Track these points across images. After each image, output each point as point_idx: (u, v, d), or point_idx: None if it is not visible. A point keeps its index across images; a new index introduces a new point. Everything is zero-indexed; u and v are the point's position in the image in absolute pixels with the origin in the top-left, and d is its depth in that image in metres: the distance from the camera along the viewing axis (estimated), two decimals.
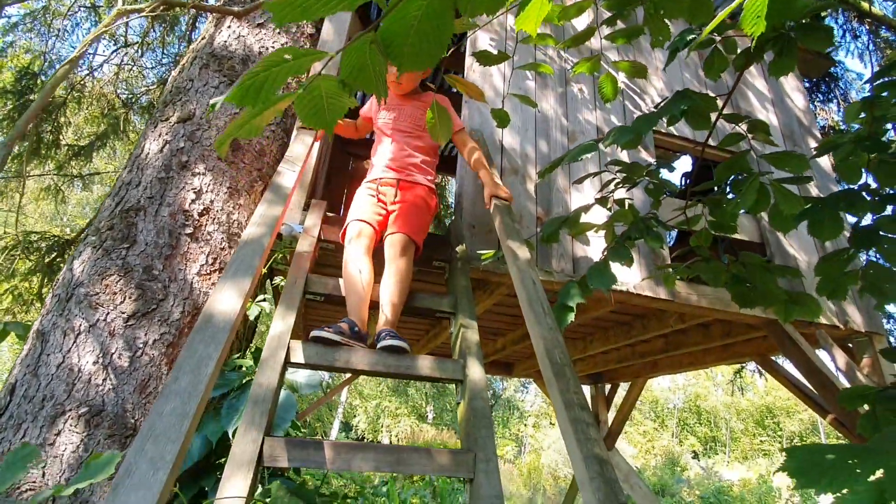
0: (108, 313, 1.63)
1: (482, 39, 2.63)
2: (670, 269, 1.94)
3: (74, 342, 1.59)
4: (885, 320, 4.97)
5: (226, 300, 0.95)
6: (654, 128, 2.69)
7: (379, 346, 1.40)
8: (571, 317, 1.37)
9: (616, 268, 2.19)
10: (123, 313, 1.65)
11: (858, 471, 0.49)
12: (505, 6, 0.68)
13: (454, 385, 1.47)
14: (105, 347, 1.59)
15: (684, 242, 2.86)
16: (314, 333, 1.35)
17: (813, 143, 3.13)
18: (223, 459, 1.72)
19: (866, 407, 1.30)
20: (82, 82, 6.41)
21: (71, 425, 1.48)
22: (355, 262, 1.58)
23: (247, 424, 1.08)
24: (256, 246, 1.12)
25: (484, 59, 1.54)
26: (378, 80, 0.66)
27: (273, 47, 2.32)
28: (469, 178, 2.20)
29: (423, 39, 0.61)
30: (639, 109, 2.75)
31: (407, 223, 1.69)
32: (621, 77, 2.80)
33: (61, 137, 6.20)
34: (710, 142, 2.55)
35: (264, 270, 2.03)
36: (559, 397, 0.95)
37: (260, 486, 1.42)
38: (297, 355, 1.32)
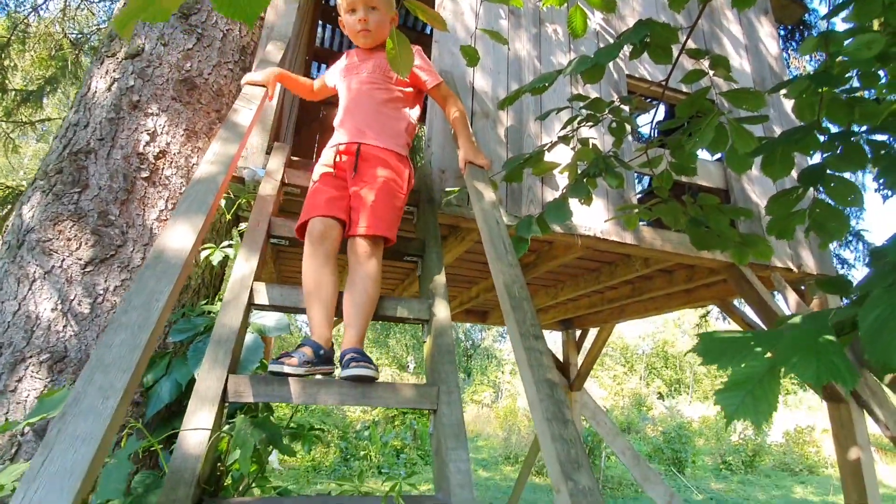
0: (64, 259, 1.59)
1: None
2: (634, 211, 1.98)
3: (30, 289, 1.54)
4: (839, 266, 5.23)
5: (177, 236, 0.93)
6: (627, 72, 2.65)
7: (343, 374, 1.20)
8: (525, 248, 1.40)
9: (584, 212, 2.23)
10: (80, 259, 1.60)
11: (757, 349, 0.53)
12: None
13: (420, 325, 1.50)
14: (63, 294, 1.55)
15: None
16: (272, 368, 1.17)
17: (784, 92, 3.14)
18: None
19: None
20: (26, 21, 5.91)
21: (33, 371, 1.47)
22: (316, 273, 1.36)
23: (210, 363, 1.09)
24: (210, 184, 1.09)
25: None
26: None
27: None
28: (439, 121, 2.15)
29: None
30: (616, 60, 2.69)
31: (374, 216, 1.39)
32: (597, 18, 2.72)
33: (7, 82, 5.77)
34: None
35: (229, 217, 1.99)
36: (516, 328, 0.98)
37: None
38: (262, 297, 1.32)
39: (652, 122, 2.15)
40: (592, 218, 2.24)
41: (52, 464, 0.58)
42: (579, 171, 1.70)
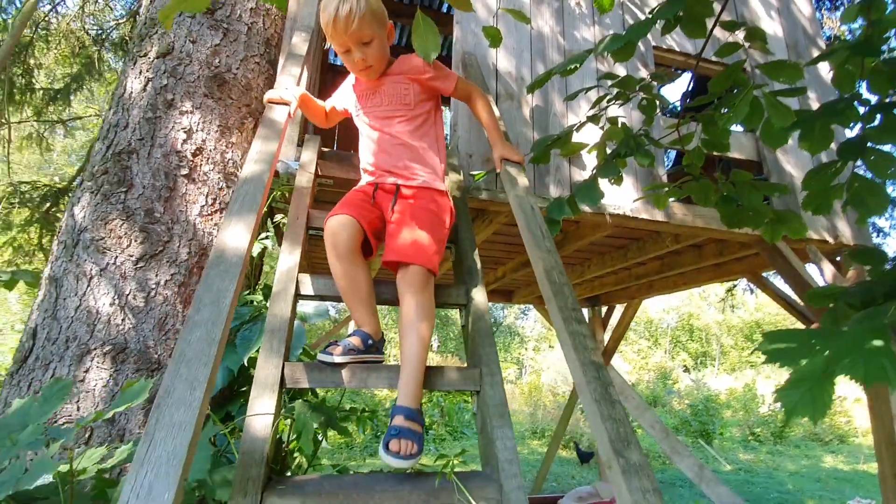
0: (117, 257, 1.67)
1: None
2: (663, 190, 1.96)
3: (88, 286, 1.64)
4: (874, 234, 5.08)
5: (234, 236, 0.98)
6: (654, 44, 2.58)
7: (384, 456, 1.06)
8: (557, 230, 1.42)
9: (612, 190, 2.21)
10: (132, 256, 1.68)
11: (817, 347, 0.55)
12: None
13: (458, 310, 1.54)
14: (119, 289, 1.64)
15: (681, 164, 2.87)
16: (321, 358, 1.20)
17: (817, 54, 3.02)
18: (244, 387, 1.84)
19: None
20: (46, 19, 6.02)
21: (98, 362, 1.57)
22: (345, 273, 1.33)
23: (266, 352, 1.15)
24: (257, 182, 1.13)
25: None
26: None
27: None
28: (464, 105, 2.15)
29: None
30: (635, 19, 2.63)
31: (416, 247, 1.30)
32: None
33: (34, 81, 5.93)
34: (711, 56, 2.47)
35: (265, 209, 2.05)
36: (558, 314, 1.01)
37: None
38: (307, 288, 1.38)
39: (683, 94, 2.11)
40: (621, 196, 2.23)
41: (155, 450, 0.64)
42: (608, 151, 1.69)
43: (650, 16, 1.20)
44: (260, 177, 1.15)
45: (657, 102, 1.57)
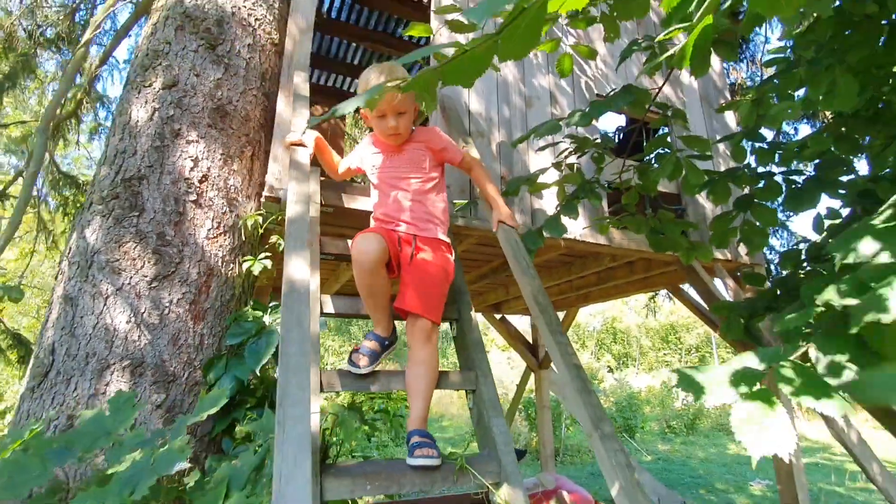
0: (132, 277, 1.80)
1: None
2: (606, 220, 2.40)
3: (105, 305, 1.75)
4: (769, 253, 6.00)
5: (297, 269, 1.22)
6: (597, 93, 3.03)
7: (409, 462, 1.30)
8: (532, 255, 1.78)
9: (565, 219, 2.62)
10: (146, 276, 1.81)
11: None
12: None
13: (449, 322, 1.83)
14: (135, 308, 1.77)
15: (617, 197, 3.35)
16: (350, 370, 1.44)
17: (724, 103, 3.67)
18: (248, 397, 2.00)
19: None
20: None
21: (118, 376, 1.69)
22: (369, 282, 1.50)
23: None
24: (302, 222, 1.37)
25: (455, 27, 1.75)
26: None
27: (244, 6, 2.34)
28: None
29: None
30: (584, 73, 3.09)
31: (429, 302, 1.52)
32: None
33: None
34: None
35: (261, 231, 2.23)
36: (546, 328, 1.35)
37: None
38: (329, 307, 1.62)
39: (618, 128, 2.56)
40: (572, 223, 2.64)
41: (288, 435, 0.88)
42: (567, 191, 2.08)
43: (609, 95, 1.58)
44: (303, 216, 1.39)
45: (604, 157, 1.98)
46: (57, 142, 5.03)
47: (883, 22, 1.50)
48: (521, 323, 7.52)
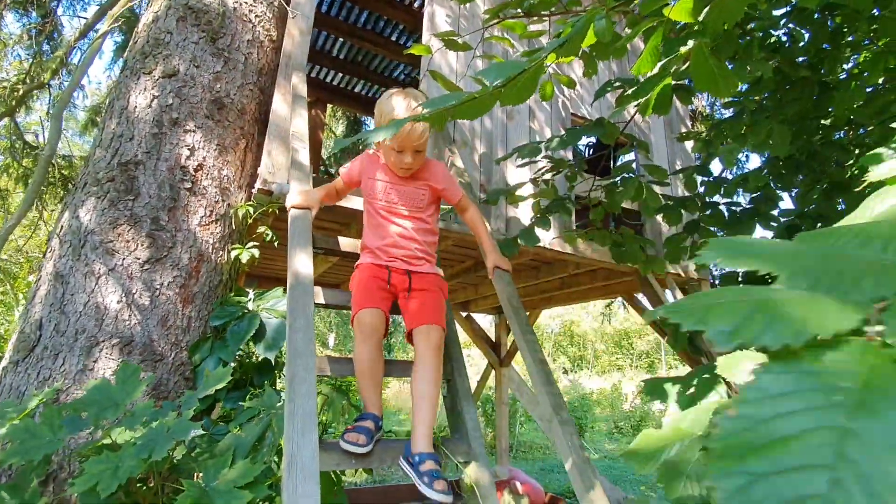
0: (125, 259, 1.86)
1: (439, 14, 2.93)
2: (574, 233, 2.62)
3: (97, 284, 1.81)
4: (714, 269, 6.49)
5: (300, 263, 1.35)
6: (572, 111, 3.25)
7: (432, 494, 1.25)
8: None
9: (538, 230, 2.83)
10: (139, 259, 1.88)
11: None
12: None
13: None
14: (126, 289, 1.84)
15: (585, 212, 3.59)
16: (347, 448, 1.33)
17: (684, 129, 3.99)
18: (233, 375, 2.09)
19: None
20: None
21: (107, 354, 1.76)
22: (370, 360, 1.49)
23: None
24: (304, 219, 1.49)
25: (450, 45, 1.91)
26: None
27: (245, 2, 2.41)
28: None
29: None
30: (561, 93, 3.30)
31: (437, 313, 1.56)
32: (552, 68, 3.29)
33: None
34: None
35: (251, 221, 2.32)
36: (517, 327, 1.53)
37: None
38: (320, 298, 1.74)
39: (587, 145, 2.78)
40: (543, 233, 2.85)
41: (298, 410, 1.02)
42: (541, 204, 2.28)
43: (581, 127, 1.78)
44: (305, 214, 1.51)
45: (576, 176, 2.19)
46: (18, 109, 4.85)
47: (816, 82, 1.77)
48: (485, 322, 7.75)
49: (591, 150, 4.18)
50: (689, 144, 3.94)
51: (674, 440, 0.77)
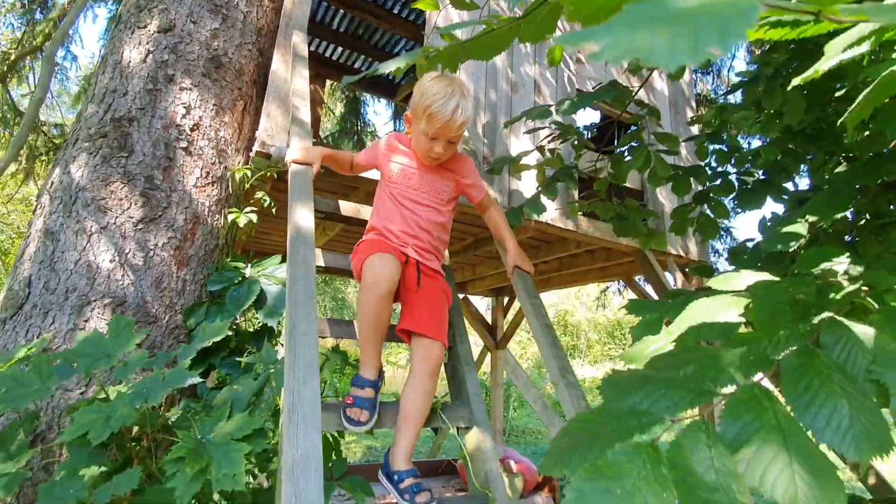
0: (117, 217, 1.80)
1: None
2: (577, 203, 2.58)
3: (88, 242, 1.75)
4: (713, 254, 6.49)
5: (302, 217, 1.30)
6: (578, 87, 3.19)
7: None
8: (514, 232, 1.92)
9: (544, 200, 2.78)
10: (132, 218, 1.82)
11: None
12: None
13: None
14: (119, 248, 1.78)
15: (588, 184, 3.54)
16: (351, 428, 1.28)
17: (689, 111, 3.93)
18: (224, 346, 2.05)
19: None
20: None
21: (98, 313, 1.71)
22: (380, 312, 1.34)
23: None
24: (305, 174, 1.44)
25: (456, 3, 1.84)
26: None
27: None
28: None
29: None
30: (567, 68, 3.24)
31: (441, 326, 1.46)
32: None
33: None
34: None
35: (248, 185, 2.25)
36: (524, 292, 1.49)
37: None
38: (319, 261, 1.69)
39: (592, 124, 2.72)
40: (545, 207, 2.81)
41: (300, 359, 0.98)
42: (547, 174, 2.23)
43: (595, 88, 1.73)
44: (306, 169, 1.45)
45: (583, 145, 2.14)
46: (11, 77, 4.72)
47: None
48: (481, 304, 7.74)
49: (597, 131, 4.12)
50: (694, 129, 3.89)
51: (660, 339, 0.77)
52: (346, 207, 1.89)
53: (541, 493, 3.52)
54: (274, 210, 2.27)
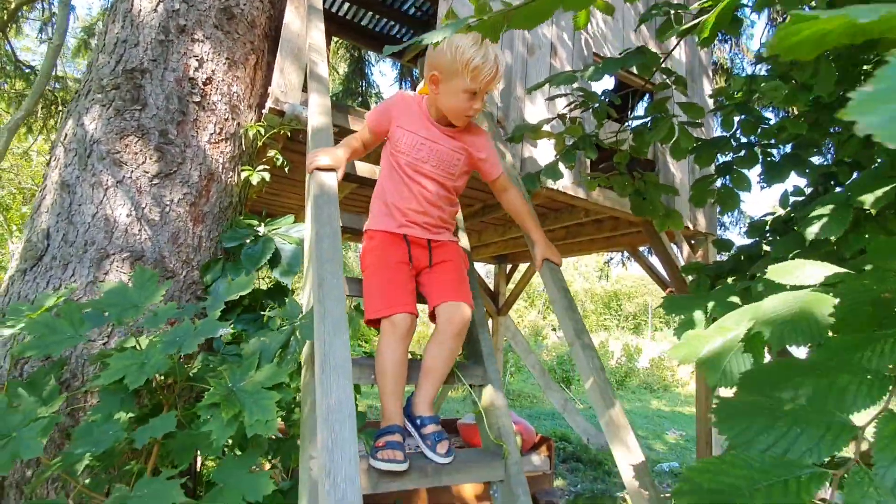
0: (133, 171, 1.79)
1: None
2: (595, 177, 2.56)
3: (105, 195, 1.75)
4: (719, 227, 6.50)
5: (326, 175, 1.29)
6: (594, 51, 3.11)
7: (431, 454, 1.27)
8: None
9: (562, 168, 2.76)
10: (147, 172, 1.81)
11: (699, 302, 1.09)
12: None
13: None
14: (136, 202, 1.78)
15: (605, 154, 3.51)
16: (385, 468, 1.18)
17: (706, 81, 3.85)
18: (243, 301, 2.08)
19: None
20: None
21: (117, 266, 1.72)
22: (399, 363, 1.32)
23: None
24: (326, 131, 1.43)
25: None
26: None
27: None
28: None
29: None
30: (585, 31, 3.14)
31: (461, 287, 1.45)
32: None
33: None
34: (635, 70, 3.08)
35: (260, 144, 2.23)
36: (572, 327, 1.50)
37: None
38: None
39: (605, 91, 2.68)
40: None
41: (329, 313, 1.00)
42: (566, 142, 2.21)
43: (621, 56, 1.69)
44: (327, 128, 1.44)
45: (605, 113, 2.10)
46: (10, 25, 4.57)
47: None
48: (483, 270, 7.79)
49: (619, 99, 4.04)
50: (710, 102, 3.81)
51: (715, 336, 0.77)
52: (362, 168, 1.88)
53: (538, 452, 3.65)
54: (287, 169, 2.25)
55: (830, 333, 0.55)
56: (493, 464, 1.34)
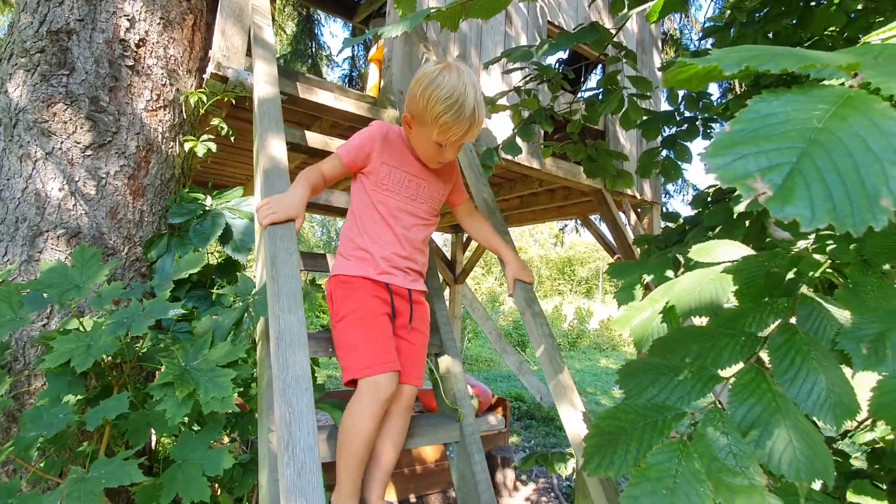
0: (63, 142, 1.67)
1: None
2: (550, 146, 2.62)
3: (34, 168, 1.63)
4: (665, 196, 6.80)
5: (274, 148, 1.26)
6: (549, 19, 3.12)
7: None
8: (490, 172, 1.95)
9: (519, 141, 2.79)
10: (79, 143, 1.69)
11: (637, 269, 1.17)
12: None
13: None
14: (68, 176, 1.67)
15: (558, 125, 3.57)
16: None
17: (655, 53, 3.95)
18: (191, 276, 2.02)
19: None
20: None
21: (52, 244, 1.63)
22: (372, 433, 1.17)
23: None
24: (274, 102, 1.38)
25: None
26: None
27: None
28: (399, 44, 2.44)
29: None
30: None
31: (421, 369, 1.34)
32: None
33: None
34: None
35: (202, 111, 2.12)
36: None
37: None
38: None
39: (559, 60, 2.71)
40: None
41: (283, 288, 1.00)
42: (523, 115, 2.23)
43: (575, 31, 1.71)
44: (275, 97, 1.39)
45: (560, 86, 2.13)
46: None
47: (800, 3, 1.76)
48: (440, 239, 7.84)
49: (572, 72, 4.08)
50: (658, 73, 3.92)
51: (647, 308, 0.85)
52: (314, 139, 1.83)
53: (494, 413, 3.83)
54: (233, 139, 2.16)
55: (735, 302, 0.65)
56: (449, 427, 1.42)
